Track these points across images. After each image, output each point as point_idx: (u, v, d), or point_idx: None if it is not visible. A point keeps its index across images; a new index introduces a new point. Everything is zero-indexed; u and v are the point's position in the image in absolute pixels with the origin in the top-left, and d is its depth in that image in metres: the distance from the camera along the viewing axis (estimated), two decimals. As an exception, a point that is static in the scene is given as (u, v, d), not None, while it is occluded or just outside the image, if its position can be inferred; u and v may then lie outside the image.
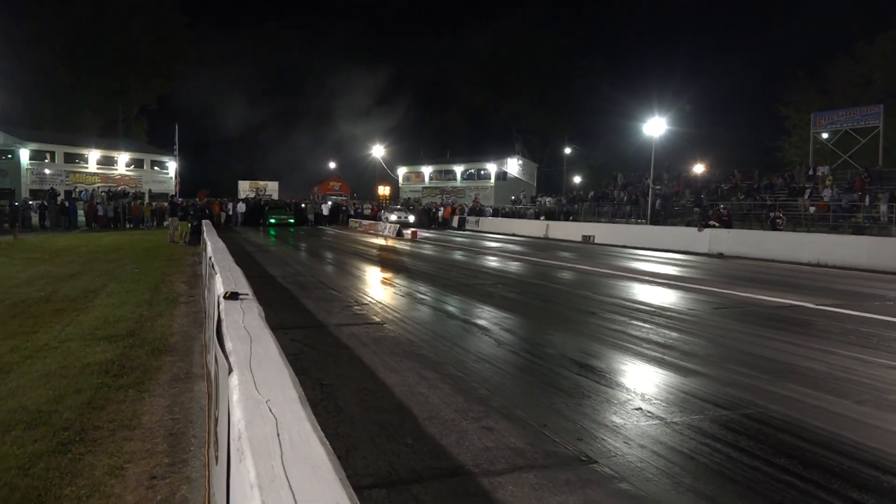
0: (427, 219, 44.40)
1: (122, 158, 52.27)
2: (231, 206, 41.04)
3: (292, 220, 39.89)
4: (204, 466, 3.64)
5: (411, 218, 42.01)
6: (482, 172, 59.58)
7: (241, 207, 40.83)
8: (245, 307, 3.28)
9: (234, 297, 3.55)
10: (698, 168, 39.70)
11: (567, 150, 60.94)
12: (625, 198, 37.71)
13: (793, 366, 6.22)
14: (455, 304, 10.05)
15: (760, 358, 6.54)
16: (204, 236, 13.04)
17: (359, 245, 24.22)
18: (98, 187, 46.70)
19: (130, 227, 35.00)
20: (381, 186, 56.32)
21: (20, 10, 50.60)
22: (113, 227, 34.02)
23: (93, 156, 50.02)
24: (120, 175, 51.74)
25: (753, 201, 29.29)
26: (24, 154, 45.74)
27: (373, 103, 67.84)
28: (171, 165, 51.56)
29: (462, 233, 37.12)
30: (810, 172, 29.61)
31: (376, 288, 12.37)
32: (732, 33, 74.16)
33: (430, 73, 76.19)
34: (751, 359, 6.50)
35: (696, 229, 23.64)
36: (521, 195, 51.77)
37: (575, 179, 60.59)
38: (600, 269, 15.87)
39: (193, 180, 56.38)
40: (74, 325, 7.68)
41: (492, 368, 6.03)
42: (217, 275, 4.88)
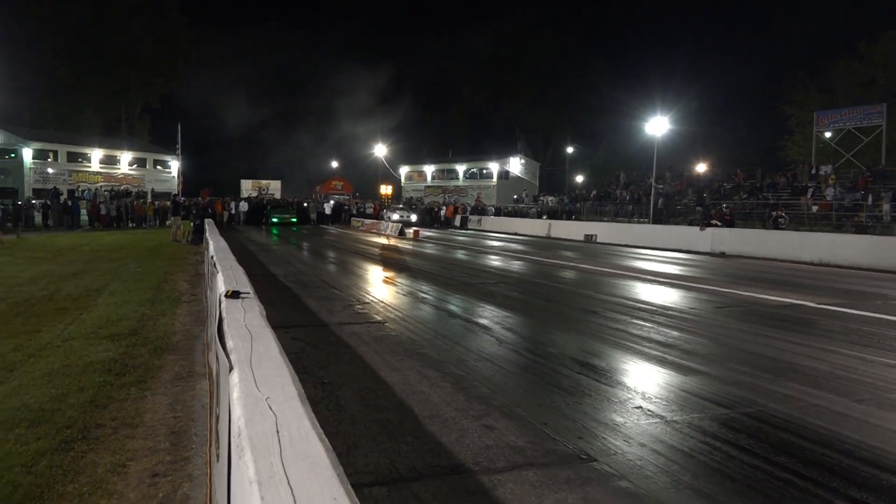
0: (429, 218, 44.43)
1: (125, 158, 52.46)
2: (233, 205, 41.08)
3: (294, 220, 39.89)
4: (206, 464, 3.66)
5: (413, 217, 42.04)
6: (484, 171, 59.61)
7: (244, 206, 40.88)
8: (246, 306, 3.29)
9: (235, 295, 3.57)
10: (701, 167, 39.62)
11: (569, 150, 60.91)
12: (627, 197, 37.66)
13: (794, 365, 6.22)
14: (457, 303, 10.06)
15: (761, 357, 6.54)
16: (206, 235, 13.07)
17: (361, 244, 24.23)
18: (101, 186, 46.80)
19: (133, 226, 35.05)
20: (383, 185, 56.27)
21: (21, 10, 50.74)
22: (116, 226, 34.08)
23: (96, 155, 50.20)
24: (123, 174, 51.93)
25: (756, 200, 29.23)
26: (28, 153, 45.90)
27: (374, 103, 67.88)
28: (174, 164, 51.56)
29: (464, 232, 37.12)
30: (813, 171, 29.55)
31: (378, 287, 12.38)
32: (735, 32, 74.09)
33: (432, 72, 76.27)
34: (752, 357, 6.51)
35: (698, 228, 23.63)
36: (524, 194, 51.77)
37: (577, 178, 60.54)
38: (602, 269, 15.87)
39: (196, 179, 56.38)
40: (77, 324, 7.71)
41: (493, 367, 6.05)
42: (219, 273, 4.90)
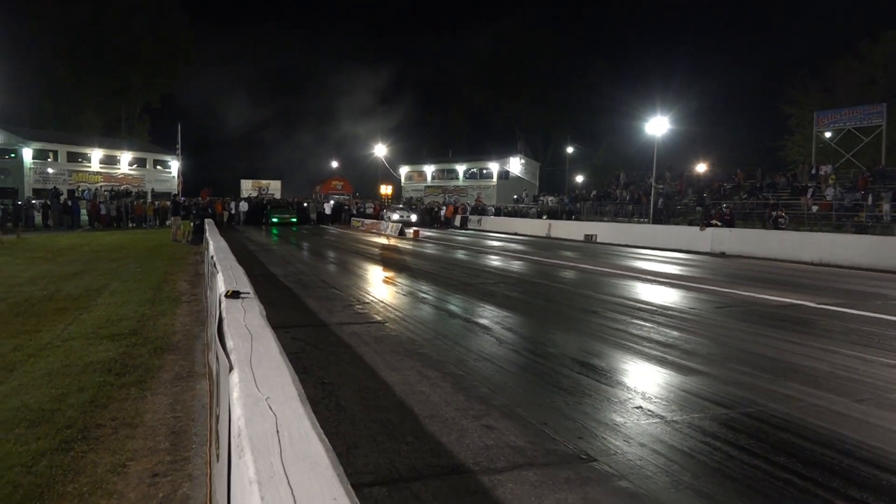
0: (429, 218, 44.43)
1: (125, 157, 52.46)
2: (233, 205, 41.08)
3: (294, 220, 39.88)
4: (206, 464, 3.66)
5: (413, 217, 42.04)
6: (484, 171, 59.62)
7: (244, 206, 40.88)
8: (246, 306, 3.29)
9: (235, 295, 3.57)
10: (701, 167, 39.62)
11: (569, 150, 60.92)
12: (627, 197, 37.67)
13: (794, 364, 6.22)
14: (457, 303, 10.06)
15: (761, 357, 6.54)
16: (206, 235, 13.08)
17: (361, 244, 24.23)
18: (101, 186, 46.81)
19: (133, 226, 35.05)
20: (383, 185, 56.28)
21: (21, 10, 50.74)
22: (116, 226, 34.08)
23: (96, 155, 50.21)
24: (123, 174, 51.94)
25: (756, 200, 29.23)
26: (28, 153, 45.91)
27: (374, 103, 67.96)
28: (174, 164, 51.56)
29: (464, 232, 37.12)
30: (813, 171, 29.55)
31: (378, 287, 12.38)
32: (735, 32, 74.11)
33: (432, 72, 76.39)
34: (752, 357, 6.51)
35: (698, 228, 23.63)
36: (524, 194, 51.78)
37: (577, 178, 60.56)
38: (602, 269, 15.87)
39: (196, 179, 56.40)
40: (77, 324, 7.71)
41: (493, 367, 6.05)
42: (219, 273, 4.90)
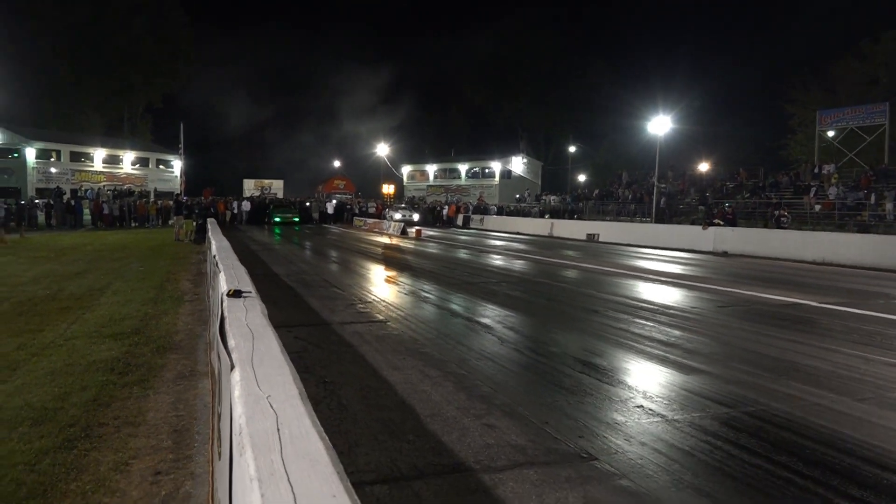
0: (431, 217, 44.44)
1: (128, 157, 52.59)
2: (236, 204, 41.13)
3: (297, 219, 39.92)
4: (208, 462, 3.68)
5: (416, 216, 42.03)
6: (486, 171, 59.61)
7: (246, 206, 40.92)
8: (248, 305, 3.30)
9: (237, 294, 3.58)
10: (703, 166, 39.63)
11: (571, 149, 60.86)
12: (629, 196, 37.68)
13: (795, 364, 6.22)
14: (459, 303, 10.07)
15: (763, 356, 6.54)
16: (208, 235, 13.10)
17: (363, 243, 24.25)
18: (104, 186, 46.94)
19: (136, 225, 35.13)
20: (385, 185, 56.31)
21: (22, 10, 50.85)
22: (118, 225, 34.15)
23: (98, 154, 50.33)
24: (125, 174, 52.07)
25: (759, 200, 29.22)
26: (30, 153, 46.02)
27: (376, 102, 67.90)
28: (177, 164, 51.68)
29: (466, 231, 37.12)
30: (816, 171, 29.56)
31: (380, 286, 12.40)
32: (737, 32, 74.03)
33: (433, 72, 76.18)
34: (754, 357, 6.51)
35: (700, 227, 23.62)
36: (526, 193, 51.76)
37: (580, 178, 60.54)
38: (604, 268, 15.87)
39: (198, 179, 56.47)
40: (80, 323, 7.74)
41: (494, 366, 6.06)
42: (221, 273, 4.91)
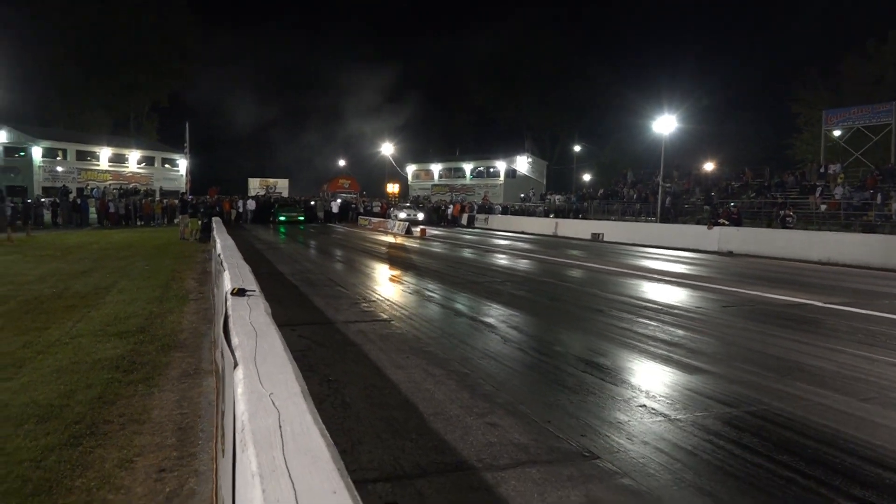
0: (436, 216, 44.45)
1: (134, 156, 52.77)
2: (241, 203, 41.21)
3: (302, 218, 40.00)
4: (212, 460, 3.70)
5: (420, 216, 42.06)
6: (491, 170, 59.58)
7: (251, 205, 41.01)
8: (252, 303, 3.33)
9: (241, 293, 3.60)
10: (709, 166, 39.53)
11: (576, 148, 60.77)
12: (634, 195, 37.61)
13: (799, 364, 6.21)
14: (463, 302, 10.08)
15: (767, 356, 6.53)
16: (213, 233, 13.13)
17: (368, 243, 24.29)
18: (109, 185, 47.14)
19: (141, 224, 35.21)
20: (390, 184, 56.38)
21: (28, 9, 51.03)
22: (124, 224, 34.25)
23: (104, 153, 50.53)
24: (131, 172, 52.25)
25: (764, 199, 29.13)
26: (37, 152, 46.24)
27: (381, 101, 67.89)
28: (182, 163, 51.92)
29: (471, 230, 37.12)
30: (822, 170, 29.44)
31: (384, 285, 12.42)
32: (742, 31, 73.71)
33: (438, 71, 75.98)
34: (757, 357, 6.50)
35: (705, 227, 23.57)
36: (531, 193, 51.76)
37: (584, 177, 60.44)
38: (609, 267, 15.85)
39: (204, 178, 56.67)
40: (86, 322, 7.78)
41: (498, 365, 6.07)
42: (225, 272, 4.94)
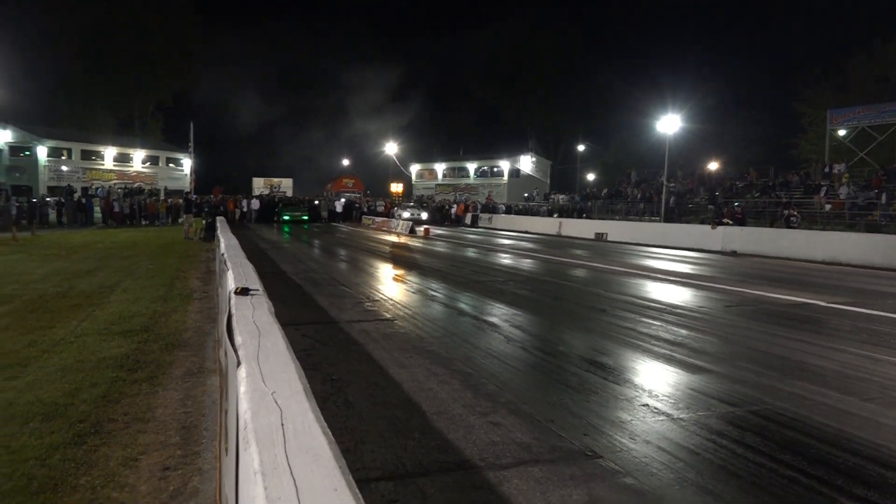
0: (440, 216, 44.46)
1: (138, 155, 52.92)
2: (245, 202, 41.30)
3: (306, 217, 40.05)
4: (215, 458, 3.72)
5: (424, 215, 42.07)
6: (495, 170, 59.53)
7: (255, 204, 41.09)
8: (255, 302, 3.34)
9: (244, 292, 3.62)
10: (713, 165, 39.44)
11: (581, 148, 60.67)
12: (639, 195, 37.55)
13: (802, 363, 6.21)
14: (466, 301, 10.09)
15: (770, 355, 6.53)
16: (218, 233, 13.17)
17: (371, 242, 24.31)
18: (114, 184, 47.26)
19: (146, 223, 35.32)
20: (394, 184, 56.39)
21: (34, 9, 51.24)
22: (129, 223, 34.35)
23: (109, 153, 50.68)
24: (136, 172, 52.41)
25: (768, 199, 29.06)
26: (42, 151, 46.40)
27: (385, 101, 67.84)
28: (186, 162, 51.84)
29: (475, 230, 37.12)
30: (826, 170, 29.34)
31: (388, 285, 12.43)
32: (747, 30, 73.44)
33: (442, 71, 76.00)
34: (760, 356, 6.50)
35: (709, 227, 23.53)
36: (535, 192, 51.69)
37: (588, 177, 60.36)
38: (612, 267, 15.84)
39: (208, 177, 56.61)
40: (90, 321, 7.81)
41: (501, 364, 6.08)
42: (229, 271, 4.96)
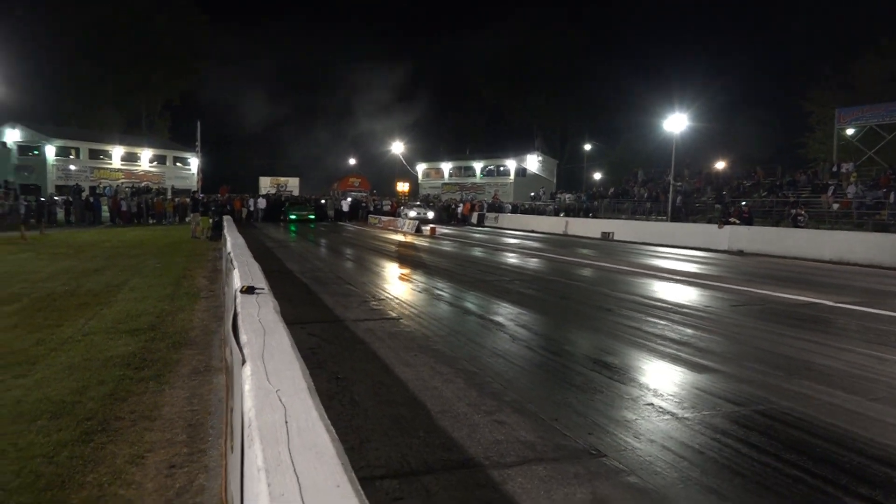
0: (446, 215, 44.46)
1: (146, 154, 53.13)
2: (252, 202, 41.40)
3: (312, 216, 40.13)
4: (221, 456, 3.74)
5: (430, 214, 42.07)
6: (501, 169, 59.48)
7: (262, 203, 41.19)
8: (260, 301, 3.36)
9: (250, 291, 3.64)
10: (720, 164, 39.28)
11: (587, 147, 60.55)
12: (645, 194, 37.43)
13: (809, 363, 6.19)
14: (471, 300, 10.10)
15: (776, 355, 6.51)
16: (224, 232, 13.21)
17: (378, 241, 24.34)
18: (122, 183, 47.51)
19: (153, 222, 35.44)
20: (400, 183, 56.46)
21: (41, 8, 51.50)
22: (136, 222, 34.47)
23: (117, 152, 50.93)
24: (143, 171, 52.63)
25: (776, 198, 28.92)
26: (50, 150, 46.67)
27: (392, 100, 67.86)
28: (194, 162, 52.20)
29: (481, 229, 37.11)
30: (834, 169, 29.19)
31: (394, 284, 12.45)
32: (755, 28, 73.09)
33: (449, 70, 75.78)
34: (766, 355, 6.48)
35: (716, 226, 23.46)
36: (541, 192, 51.59)
37: (595, 176, 60.22)
38: (618, 266, 15.81)
39: (215, 176, 56.94)
40: (98, 319, 7.85)
41: (506, 363, 6.08)
42: (235, 270, 4.98)
